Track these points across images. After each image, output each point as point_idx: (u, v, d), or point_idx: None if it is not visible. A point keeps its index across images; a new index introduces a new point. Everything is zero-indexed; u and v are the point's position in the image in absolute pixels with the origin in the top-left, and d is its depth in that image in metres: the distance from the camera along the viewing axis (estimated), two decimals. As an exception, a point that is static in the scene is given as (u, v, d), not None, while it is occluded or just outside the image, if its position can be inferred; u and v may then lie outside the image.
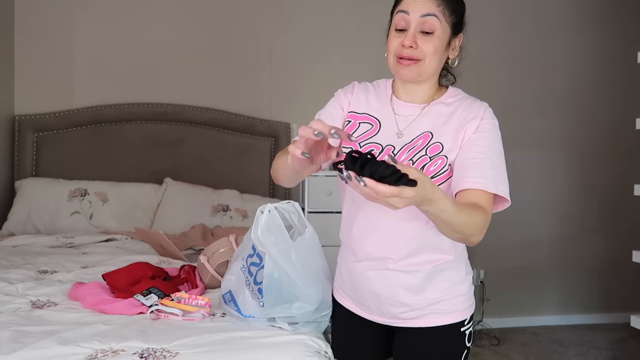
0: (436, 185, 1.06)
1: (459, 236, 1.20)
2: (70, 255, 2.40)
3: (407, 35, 1.29)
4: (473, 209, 1.19)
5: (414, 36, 1.29)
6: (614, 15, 3.87)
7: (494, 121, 1.33)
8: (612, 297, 3.92)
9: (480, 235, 1.21)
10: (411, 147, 1.32)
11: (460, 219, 1.13)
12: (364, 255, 1.38)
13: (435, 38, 1.29)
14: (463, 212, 1.14)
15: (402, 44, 1.30)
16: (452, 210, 1.10)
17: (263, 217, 1.38)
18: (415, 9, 1.29)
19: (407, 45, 1.29)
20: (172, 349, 1.32)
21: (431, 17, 1.28)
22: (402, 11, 1.30)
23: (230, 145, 3.41)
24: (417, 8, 1.29)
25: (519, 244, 3.82)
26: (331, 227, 1.88)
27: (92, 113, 3.26)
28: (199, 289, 1.80)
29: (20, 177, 3.16)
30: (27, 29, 3.24)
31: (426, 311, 1.37)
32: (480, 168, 1.25)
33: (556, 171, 3.88)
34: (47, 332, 1.42)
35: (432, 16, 1.28)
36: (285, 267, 1.36)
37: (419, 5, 1.29)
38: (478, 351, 3.33)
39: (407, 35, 1.29)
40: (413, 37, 1.29)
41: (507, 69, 3.77)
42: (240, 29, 3.46)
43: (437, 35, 1.30)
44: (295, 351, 1.32)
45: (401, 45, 1.30)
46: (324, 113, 1.43)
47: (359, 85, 1.46)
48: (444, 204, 1.07)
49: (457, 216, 1.12)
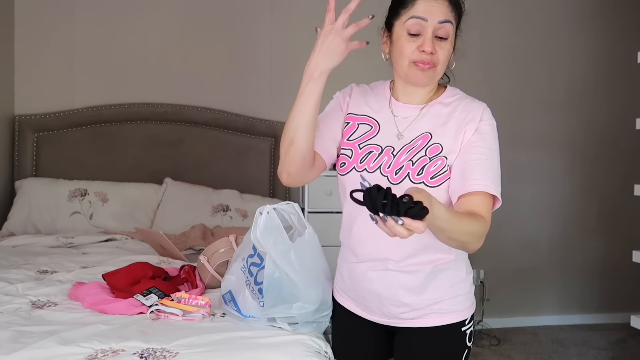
0: (431, 195, 1.07)
1: (456, 244, 1.21)
2: (70, 255, 2.40)
3: (426, 40, 1.28)
4: (470, 217, 1.20)
5: (432, 41, 1.28)
6: (615, 15, 3.86)
7: (492, 122, 1.33)
8: (612, 297, 3.92)
9: (478, 243, 1.22)
10: (410, 147, 1.32)
11: (455, 226, 1.15)
12: (365, 256, 1.38)
13: (448, 43, 1.30)
14: (458, 220, 1.16)
15: (423, 49, 1.28)
16: (446, 217, 1.11)
17: (262, 219, 1.38)
18: (433, 14, 1.27)
19: (429, 51, 1.27)
20: (172, 349, 1.32)
21: (448, 23, 1.28)
22: (419, 17, 1.27)
23: (230, 145, 3.40)
24: (435, 14, 1.27)
25: (519, 243, 3.82)
26: (331, 227, 1.88)
27: (92, 113, 3.26)
28: (199, 289, 1.80)
29: (20, 177, 3.15)
30: (27, 29, 3.24)
31: (427, 311, 1.37)
32: (483, 170, 1.26)
33: (556, 171, 3.88)
34: (47, 332, 1.42)
35: (448, 22, 1.28)
36: (284, 268, 1.36)
37: (436, 10, 1.27)
38: (478, 351, 3.33)
39: (426, 41, 1.27)
40: (432, 43, 1.28)
41: (508, 69, 3.77)
42: (240, 29, 3.46)
43: (450, 40, 1.30)
44: (295, 351, 1.32)
45: (419, 50, 1.28)
46: (325, 117, 1.42)
47: (356, 88, 1.45)
48: (440, 211, 1.08)
49: (452, 223, 1.13)
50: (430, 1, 1.28)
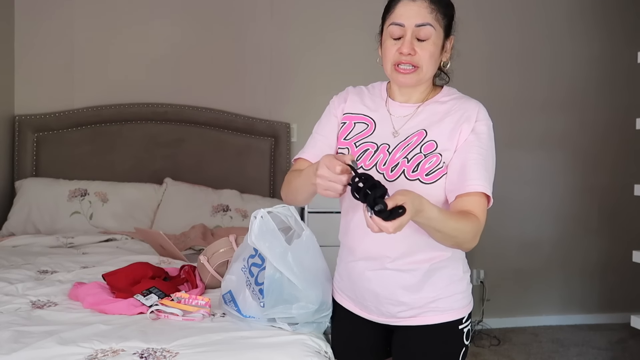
0: (422, 196, 1.14)
1: (450, 243, 1.26)
2: (70, 255, 2.40)
3: (404, 42, 1.30)
4: (464, 217, 1.24)
5: (411, 43, 1.30)
6: (615, 15, 3.86)
7: (488, 122, 1.35)
8: (612, 297, 3.92)
9: (473, 242, 1.26)
10: (405, 144, 1.34)
11: (449, 225, 1.20)
12: (362, 253, 1.38)
13: (430, 44, 1.31)
14: (452, 220, 1.21)
15: (400, 51, 1.31)
16: (440, 218, 1.17)
17: (256, 223, 1.39)
18: (410, 19, 1.30)
19: (406, 52, 1.30)
20: (172, 349, 1.32)
21: (426, 26, 1.29)
22: (396, 24, 1.31)
23: (230, 145, 3.41)
24: (411, 18, 1.30)
25: (519, 244, 3.82)
26: (331, 227, 1.88)
27: (92, 113, 3.26)
28: (199, 289, 1.80)
29: (20, 177, 3.15)
30: (27, 28, 3.24)
31: (424, 309, 1.37)
32: (480, 171, 1.28)
33: (557, 171, 3.88)
34: (47, 332, 1.42)
35: (427, 25, 1.29)
36: (282, 270, 1.36)
37: (413, 14, 1.30)
38: (478, 351, 3.33)
39: (404, 43, 1.30)
40: (410, 44, 1.30)
41: (509, 69, 3.76)
42: (240, 29, 3.46)
43: (432, 41, 1.31)
44: (295, 351, 1.32)
45: (399, 52, 1.31)
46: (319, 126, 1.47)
47: (353, 90, 1.48)
48: (431, 212, 1.15)
49: (445, 223, 1.19)
50: (409, 5, 1.30)
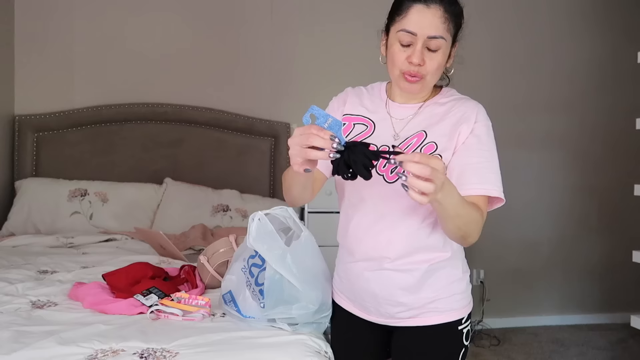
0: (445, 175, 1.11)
1: (460, 233, 1.23)
2: (70, 255, 2.40)
3: (415, 52, 1.27)
4: (475, 207, 1.24)
5: (422, 53, 1.27)
6: (615, 16, 3.87)
7: (488, 123, 1.34)
8: (612, 297, 3.92)
9: (477, 234, 1.26)
10: (405, 146, 1.34)
11: (466, 209, 1.18)
12: (361, 254, 1.38)
13: (440, 55, 1.29)
14: (468, 206, 1.20)
15: (410, 60, 1.28)
16: (461, 200, 1.16)
17: (253, 225, 1.38)
18: (423, 29, 1.26)
19: (416, 63, 1.27)
20: (172, 349, 1.32)
21: (438, 39, 1.27)
22: (408, 32, 1.26)
23: (230, 145, 3.41)
24: (425, 29, 1.26)
25: (519, 244, 3.82)
26: (331, 227, 1.87)
27: (92, 113, 3.26)
28: (199, 289, 1.80)
29: (20, 177, 3.16)
30: (27, 29, 3.24)
31: (423, 310, 1.37)
32: (482, 173, 1.28)
33: (557, 171, 3.88)
34: (47, 332, 1.42)
35: (439, 38, 1.27)
36: (281, 272, 1.36)
37: (427, 24, 1.26)
38: (478, 351, 3.33)
39: (415, 53, 1.27)
40: (421, 55, 1.27)
41: (510, 69, 3.77)
42: (240, 29, 3.46)
43: (442, 51, 1.29)
44: (295, 351, 1.32)
45: (408, 61, 1.28)
46: None
47: (352, 90, 1.47)
48: (452, 189, 1.13)
49: (463, 207, 1.17)
50: (422, 11, 1.26)
